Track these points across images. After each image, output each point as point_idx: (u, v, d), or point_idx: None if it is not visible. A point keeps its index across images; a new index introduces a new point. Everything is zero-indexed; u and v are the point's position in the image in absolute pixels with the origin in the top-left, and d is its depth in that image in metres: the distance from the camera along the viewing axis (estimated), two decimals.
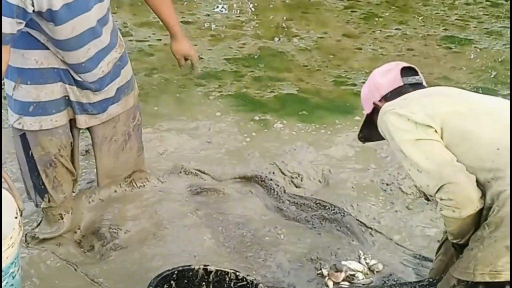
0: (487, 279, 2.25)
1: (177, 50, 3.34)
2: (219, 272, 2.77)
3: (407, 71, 2.66)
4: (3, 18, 2.59)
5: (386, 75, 2.65)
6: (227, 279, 2.76)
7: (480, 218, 2.29)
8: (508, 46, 6.50)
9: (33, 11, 2.66)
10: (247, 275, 2.77)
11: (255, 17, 7.16)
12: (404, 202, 3.83)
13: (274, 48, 6.25)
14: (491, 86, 5.49)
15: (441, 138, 2.34)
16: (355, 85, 5.35)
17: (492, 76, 5.78)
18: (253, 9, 7.56)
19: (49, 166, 3.13)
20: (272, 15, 7.21)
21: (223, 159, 4.13)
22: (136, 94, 3.38)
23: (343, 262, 3.20)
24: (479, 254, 2.26)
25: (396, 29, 6.82)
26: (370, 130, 2.67)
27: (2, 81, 2.95)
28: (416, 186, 3.86)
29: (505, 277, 2.22)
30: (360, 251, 3.30)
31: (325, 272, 3.14)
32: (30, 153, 3.10)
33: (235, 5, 7.64)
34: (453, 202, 2.24)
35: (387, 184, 3.97)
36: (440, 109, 2.37)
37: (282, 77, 5.53)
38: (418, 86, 2.62)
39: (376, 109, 2.60)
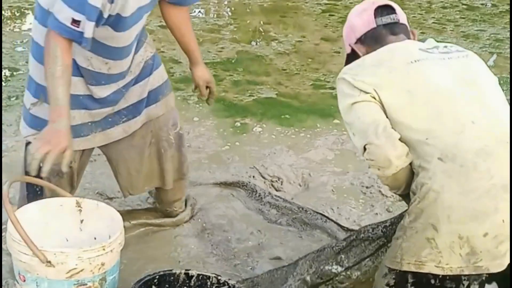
0: (413, 269, 2.26)
1: (200, 77, 3.29)
2: (201, 276, 2.76)
3: (382, 10, 2.55)
4: (87, 22, 2.56)
5: (361, 15, 2.56)
6: (209, 283, 2.75)
7: (412, 172, 2.29)
8: (485, 49, 6.55)
9: (106, 16, 2.63)
10: (229, 279, 2.76)
11: (233, 21, 7.15)
12: (384, 204, 3.84)
13: (253, 52, 6.25)
14: None
15: None
16: (333, 88, 5.36)
17: None
18: (230, 13, 7.57)
19: (55, 176, 2.93)
20: (249, 19, 7.21)
21: (202, 163, 4.11)
22: (173, 99, 3.30)
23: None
24: (403, 244, 2.27)
25: None
26: None
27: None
28: None
29: (428, 268, 2.23)
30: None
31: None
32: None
33: (212, 9, 7.63)
34: (374, 162, 2.25)
35: (367, 187, 3.98)
36: (382, 82, 2.33)
37: (260, 81, 5.53)
38: (393, 25, 2.54)
39: (354, 50, 2.57)
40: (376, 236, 2.66)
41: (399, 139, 2.26)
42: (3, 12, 6.79)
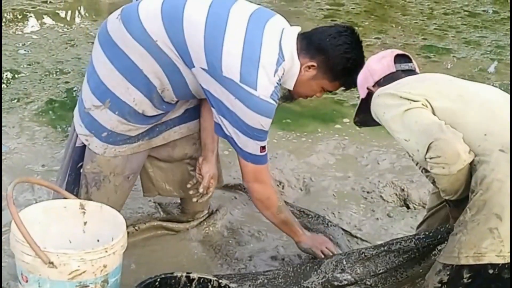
0: (471, 262, 2.30)
1: (206, 172, 3.23)
2: (202, 279, 2.77)
3: (400, 58, 2.72)
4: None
5: (381, 61, 2.71)
6: (210, 286, 2.76)
7: (470, 175, 2.34)
8: (486, 55, 6.57)
9: None
10: (230, 283, 2.77)
11: None
12: (385, 210, 3.85)
13: None
14: None
15: None
16: (335, 93, 5.37)
17: None
18: None
19: (93, 185, 3.03)
20: None
21: None
22: None
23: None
24: (463, 237, 2.31)
25: (375, 38, 6.87)
26: (365, 115, 2.70)
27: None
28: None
29: (488, 259, 2.27)
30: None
31: None
32: (78, 166, 3.05)
33: None
34: (441, 158, 2.27)
35: (368, 192, 4.00)
36: (430, 93, 2.43)
37: None
38: (410, 72, 2.68)
39: (370, 94, 2.64)
40: (407, 249, 2.70)
41: None
42: (5, 15, 6.81)
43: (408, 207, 3.88)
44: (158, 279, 2.71)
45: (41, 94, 4.96)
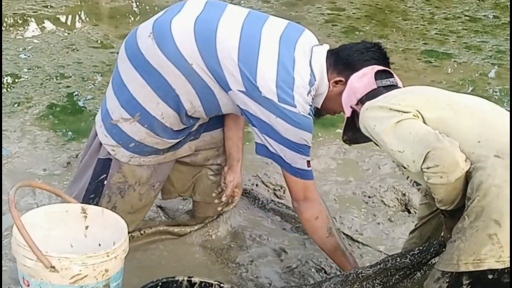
0: (471, 268, 2.28)
1: (231, 181, 3.28)
2: (203, 283, 2.77)
3: (381, 74, 2.70)
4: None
5: (362, 79, 2.69)
6: None
7: (465, 184, 2.32)
8: (487, 60, 6.58)
9: None
10: (231, 287, 2.77)
11: None
12: (386, 214, 3.85)
13: None
14: None
15: None
16: None
17: (471, 89, 5.84)
18: None
19: (117, 194, 3.05)
20: None
21: None
22: None
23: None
24: (462, 244, 2.30)
25: None
26: (354, 133, 2.70)
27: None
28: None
29: (488, 264, 2.26)
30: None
31: None
32: (101, 177, 3.04)
33: None
34: (439, 167, 2.24)
35: (369, 197, 4.00)
36: (419, 103, 2.41)
37: None
38: (392, 87, 2.66)
39: (355, 113, 2.63)
40: (403, 265, 2.71)
41: None
42: (7, 19, 6.82)
43: (409, 212, 3.88)
44: (160, 283, 2.71)
45: (42, 98, 4.96)
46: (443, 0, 8.57)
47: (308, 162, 2.89)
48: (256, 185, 3.96)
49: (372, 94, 2.62)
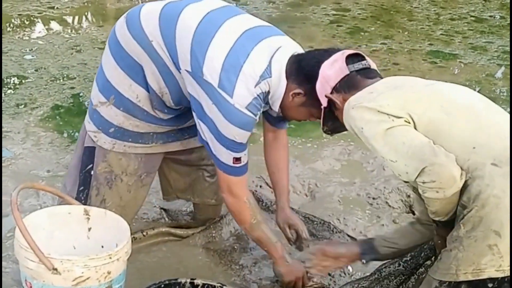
0: (470, 278, 2.25)
1: (283, 220, 3.23)
2: (206, 285, 2.77)
3: (353, 58, 2.58)
4: (244, 154, 2.83)
5: (333, 66, 2.58)
6: None
7: (460, 195, 2.26)
8: (493, 61, 6.56)
9: None
10: None
11: None
12: (391, 216, 3.83)
13: None
14: None
15: None
16: None
17: (477, 90, 5.80)
18: None
19: (105, 185, 3.04)
20: None
21: None
22: None
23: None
24: (459, 254, 2.26)
25: (381, 43, 6.86)
26: (333, 123, 2.62)
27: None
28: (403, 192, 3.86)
29: (488, 273, 2.23)
30: (349, 267, 3.30)
31: None
32: (88, 167, 3.04)
33: None
34: (436, 183, 2.18)
35: (374, 198, 3.98)
36: (409, 104, 2.31)
37: None
38: (366, 71, 2.56)
39: (331, 102, 2.57)
40: (398, 272, 2.71)
41: None
42: (12, 20, 6.83)
43: (413, 213, 3.86)
44: (162, 285, 2.71)
45: (46, 99, 4.97)
46: (448, 1, 8.56)
47: (236, 158, 2.78)
48: (260, 186, 3.95)
49: (346, 81, 2.54)
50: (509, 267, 2.22)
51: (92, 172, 3.05)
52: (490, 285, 2.26)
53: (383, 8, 8.15)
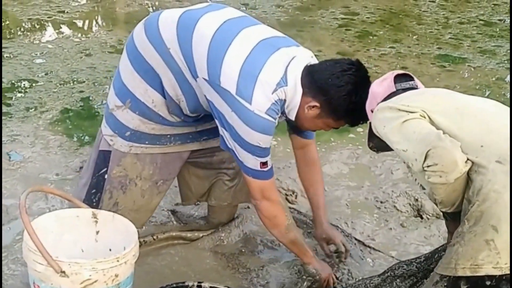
0: (468, 273, 2.28)
1: (320, 235, 3.29)
2: None
3: (401, 78, 2.68)
4: (269, 158, 2.85)
5: (382, 84, 2.68)
6: None
7: (466, 187, 2.32)
8: (502, 65, 6.54)
9: None
10: None
11: None
12: (399, 219, 3.83)
13: None
14: None
15: None
16: None
17: (486, 94, 5.81)
18: None
19: (119, 189, 3.06)
20: None
21: None
22: None
23: None
24: (460, 249, 2.30)
25: (390, 47, 6.85)
26: (380, 140, 2.63)
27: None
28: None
29: (485, 270, 2.25)
30: (357, 272, 3.30)
31: None
32: (102, 171, 3.06)
33: None
34: (438, 166, 2.25)
35: (381, 202, 3.98)
36: (428, 105, 2.43)
37: None
38: (412, 90, 2.65)
39: None
40: (411, 273, 2.72)
41: None
42: (23, 24, 6.86)
43: (421, 217, 3.86)
44: None
45: (56, 103, 4.98)
46: (457, 5, 8.53)
47: (263, 163, 2.81)
48: None
49: (391, 98, 2.62)
50: (506, 265, 2.25)
51: (106, 176, 3.06)
52: (488, 283, 2.28)
53: (392, 12, 8.14)
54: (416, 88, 2.69)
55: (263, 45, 2.77)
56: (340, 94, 2.74)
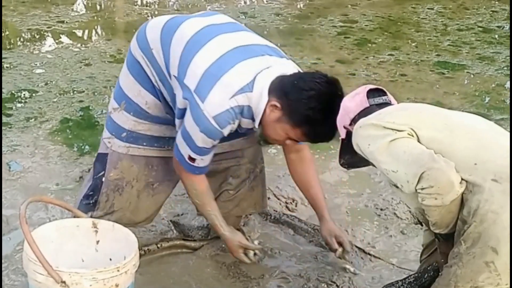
0: None
1: (326, 232, 3.29)
2: None
3: (374, 93, 2.62)
4: (202, 157, 2.91)
5: (354, 98, 2.62)
6: None
7: (460, 207, 2.27)
8: (501, 71, 6.54)
9: None
10: None
11: None
12: (399, 227, 3.83)
13: None
14: (484, 111, 5.50)
15: None
16: None
17: (485, 101, 5.81)
18: None
19: (115, 191, 3.09)
20: None
21: None
22: None
23: None
24: (458, 271, 2.27)
25: (389, 54, 6.86)
26: (352, 156, 2.61)
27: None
28: (409, 211, 3.86)
29: None
30: (350, 267, 3.31)
31: None
32: (100, 174, 3.10)
33: None
34: (434, 188, 2.20)
35: (381, 209, 3.98)
36: (414, 122, 2.36)
37: None
38: (385, 105, 2.59)
39: (349, 134, 2.57)
40: None
41: None
42: (23, 35, 6.88)
43: (422, 225, 3.80)
44: None
45: (55, 113, 4.99)
46: (456, 12, 8.54)
47: (190, 157, 2.86)
48: (268, 198, 3.94)
49: (365, 113, 2.55)
50: (507, 286, 2.22)
51: (103, 179, 3.09)
52: None
53: (390, 19, 8.15)
54: (390, 103, 2.62)
55: (239, 51, 2.78)
56: (300, 96, 2.70)
